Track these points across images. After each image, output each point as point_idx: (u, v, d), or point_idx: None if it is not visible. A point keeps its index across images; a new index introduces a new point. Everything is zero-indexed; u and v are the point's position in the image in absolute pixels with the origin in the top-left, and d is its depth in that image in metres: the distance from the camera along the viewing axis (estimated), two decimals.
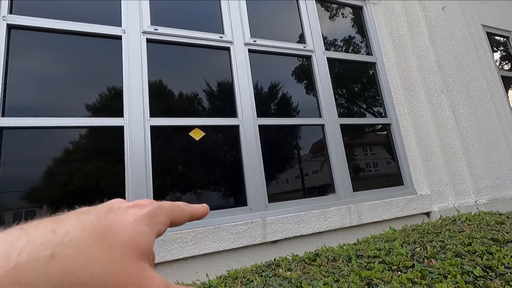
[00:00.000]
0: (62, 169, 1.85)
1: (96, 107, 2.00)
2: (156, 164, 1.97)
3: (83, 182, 1.86)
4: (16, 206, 1.70)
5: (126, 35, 2.10)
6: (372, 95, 3.08)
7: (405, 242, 1.20)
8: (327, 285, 0.83)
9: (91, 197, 1.86)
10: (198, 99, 2.34)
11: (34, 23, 1.91)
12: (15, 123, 1.73)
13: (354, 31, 3.23)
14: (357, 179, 2.66)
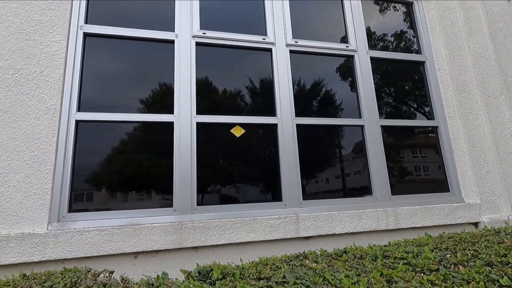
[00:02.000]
0: (121, 158, 2.13)
1: (150, 104, 2.26)
2: (200, 157, 2.17)
3: (138, 170, 2.13)
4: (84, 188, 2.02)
5: (178, 40, 2.32)
6: (418, 96, 2.94)
7: (436, 248, 1.20)
8: (348, 277, 0.90)
9: (144, 183, 2.12)
10: (240, 98, 2.48)
11: (104, 31, 2.21)
12: (88, 117, 2.04)
13: (403, 28, 3.10)
14: (397, 183, 2.59)
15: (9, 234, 1.69)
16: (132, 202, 2.08)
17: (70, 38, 2.10)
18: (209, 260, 1.92)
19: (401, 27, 3.11)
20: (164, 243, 1.89)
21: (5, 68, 1.92)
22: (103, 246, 1.80)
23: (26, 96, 1.92)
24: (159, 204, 2.09)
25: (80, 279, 1.02)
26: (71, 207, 1.90)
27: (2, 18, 1.99)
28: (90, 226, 1.83)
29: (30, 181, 1.81)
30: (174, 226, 1.93)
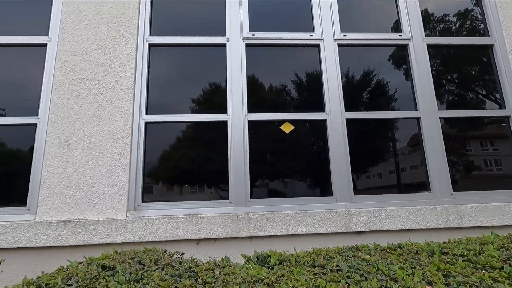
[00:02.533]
0: (182, 155, 2.38)
1: (206, 105, 2.46)
2: (252, 153, 2.30)
3: (197, 165, 2.35)
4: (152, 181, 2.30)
5: (229, 43, 2.47)
6: (485, 83, 2.67)
7: (503, 247, 1.14)
8: (403, 269, 0.93)
9: (202, 177, 2.33)
10: (288, 95, 2.55)
11: (164, 41, 2.47)
12: (154, 119, 2.31)
13: (467, 8, 2.83)
14: (461, 178, 2.42)
15: (98, 219, 2.04)
16: (193, 194, 2.31)
17: (138, 49, 2.39)
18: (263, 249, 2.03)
19: (465, 5, 2.83)
20: (222, 232, 2.07)
21: (90, 80, 2.28)
22: (171, 232, 2.04)
23: (106, 103, 2.25)
24: (216, 196, 2.28)
25: (159, 257, 1.22)
26: (143, 197, 2.20)
27: (86, 37, 2.35)
28: (159, 214, 2.10)
29: (112, 174, 2.14)
30: (230, 217, 2.10)
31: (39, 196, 2.08)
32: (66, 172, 2.12)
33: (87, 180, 2.12)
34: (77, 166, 2.14)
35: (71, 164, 2.13)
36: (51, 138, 2.17)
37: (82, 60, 2.31)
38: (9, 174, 2.24)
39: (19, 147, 2.26)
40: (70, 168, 2.13)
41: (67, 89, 2.26)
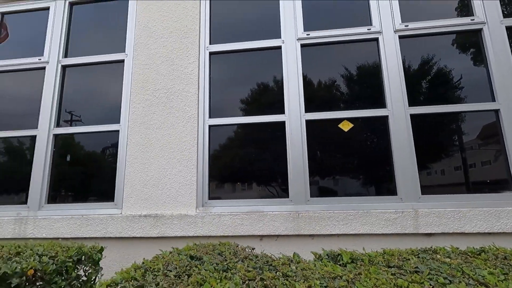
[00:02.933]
0: (243, 155, 2.50)
1: (263, 107, 2.54)
2: (310, 153, 2.32)
3: (257, 165, 2.45)
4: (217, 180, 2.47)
5: (284, 45, 2.52)
6: None
7: None
8: (493, 275, 0.88)
9: (263, 177, 2.43)
10: (346, 93, 2.50)
11: (223, 48, 2.61)
12: (217, 122, 2.48)
13: None
14: None
15: (172, 214, 2.27)
16: (254, 192, 2.42)
17: (200, 58, 2.58)
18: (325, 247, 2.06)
19: None
20: (284, 229, 2.14)
21: (160, 89, 2.53)
22: (236, 228, 2.18)
23: (175, 109, 2.48)
24: (277, 195, 2.36)
25: (236, 251, 1.33)
26: (209, 195, 2.37)
27: (155, 50, 2.62)
28: (225, 211, 2.25)
29: (182, 174, 2.35)
30: (291, 215, 2.16)
31: (123, 193, 2.39)
32: (144, 172, 2.40)
33: (161, 179, 2.37)
34: (153, 167, 2.40)
35: (147, 165, 2.41)
36: (130, 142, 2.47)
37: (153, 72, 2.58)
38: (100, 174, 2.61)
39: (106, 151, 2.62)
40: (147, 168, 2.40)
41: (142, 98, 2.54)
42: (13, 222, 2.40)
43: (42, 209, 2.48)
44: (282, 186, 2.35)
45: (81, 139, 2.67)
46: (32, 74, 2.81)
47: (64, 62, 2.78)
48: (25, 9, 2.98)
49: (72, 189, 2.61)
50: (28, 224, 2.38)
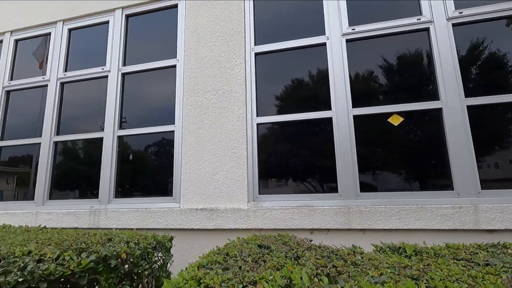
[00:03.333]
0: (290, 151, 2.57)
1: (309, 103, 2.58)
2: (359, 148, 2.33)
3: (306, 161, 2.51)
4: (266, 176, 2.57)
5: (329, 41, 2.54)
6: None
7: None
8: None
9: (311, 172, 2.48)
10: (394, 86, 2.46)
11: (268, 48, 2.70)
12: (264, 120, 2.58)
13: None
14: None
15: (226, 208, 2.42)
16: (302, 187, 2.48)
17: (246, 59, 2.69)
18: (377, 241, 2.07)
19: None
20: (334, 223, 2.19)
21: (210, 91, 2.69)
22: (287, 221, 2.27)
23: (224, 109, 2.63)
24: (325, 190, 2.41)
25: (297, 241, 1.42)
26: (259, 190, 2.49)
27: (204, 54, 2.78)
28: (275, 205, 2.35)
29: (234, 171, 2.49)
30: (342, 210, 2.19)
31: (181, 188, 2.60)
32: (198, 169, 2.59)
33: (214, 176, 2.53)
34: (206, 164, 2.58)
35: (201, 162, 2.59)
36: (185, 141, 2.67)
37: (202, 75, 2.75)
38: (159, 171, 2.86)
39: (163, 150, 2.86)
40: (201, 165, 2.58)
41: (193, 100, 2.73)
42: (88, 214, 2.74)
43: (111, 203, 2.79)
44: (330, 182, 2.39)
45: (141, 140, 2.94)
46: (97, 82, 3.14)
47: (124, 70, 3.06)
48: (88, 24, 3.33)
49: (135, 185, 2.89)
50: (101, 215, 2.70)
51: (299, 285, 0.84)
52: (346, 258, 1.10)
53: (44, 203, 2.98)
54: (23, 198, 3.18)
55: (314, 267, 0.98)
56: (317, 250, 1.24)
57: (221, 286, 0.87)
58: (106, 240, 1.51)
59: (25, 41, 3.59)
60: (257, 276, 0.90)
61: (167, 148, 2.80)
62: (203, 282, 0.90)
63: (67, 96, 3.27)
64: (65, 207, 2.88)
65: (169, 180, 2.70)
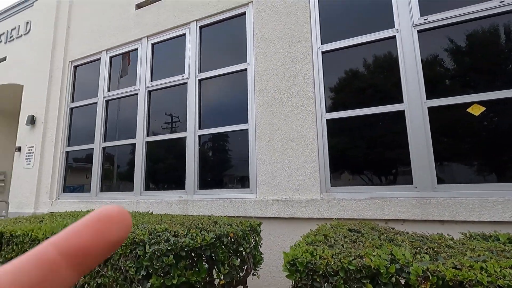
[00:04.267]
0: (360, 145, 2.66)
1: (379, 97, 2.63)
2: (435, 139, 2.31)
3: (376, 154, 2.58)
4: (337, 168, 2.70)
5: (399, 34, 2.54)
6: None
7: None
8: None
9: (382, 164, 2.54)
10: (473, 74, 2.36)
11: (334, 46, 2.80)
12: (334, 116, 2.70)
13: None
14: None
15: (300, 199, 2.63)
16: (374, 180, 2.56)
17: (313, 58, 2.84)
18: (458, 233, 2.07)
19: None
20: (410, 214, 2.24)
21: (279, 90, 2.91)
22: (361, 212, 2.38)
23: (293, 107, 2.82)
24: (399, 182, 2.45)
25: (382, 228, 1.55)
26: (331, 182, 2.63)
27: (272, 57, 3.00)
28: (348, 197, 2.48)
29: (305, 164, 2.68)
30: (418, 201, 2.23)
31: (256, 181, 2.88)
32: (271, 163, 2.83)
33: (287, 169, 2.75)
34: (278, 158, 2.81)
35: (274, 157, 2.83)
36: (258, 138, 2.94)
37: (272, 76, 2.97)
38: (237, 165, 3.19)
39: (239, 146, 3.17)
40: (274, 160, 2.83)
41: (264, 100, 2.97)
42: (178, 203, 3.20)
43: (196, 194, 3.21)
44: (403, 174, 2.42)
45: (219, 138, 3.30)
46: (178, 89, 3.59)
47: (200, 76, 3.45)
48: (167, 38, 3.80)
49: (215, 178, 3.28)
50: (188, 204, 3.13)
51: (402, 259, 1.00)
52: (438, 242, 1.21)
53: (141, 194, 3.56)
54: (125, 189, 3.81)
55: (411, 248, 1.12)
56: (406, 235, 1.36)
57: (333, 257, 1.07)
58: (213, 222, 1.83)
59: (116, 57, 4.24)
60: (362, 252, 1.07)
61: (242, 144, 3.11)
62: (316, 254, 1.11)
63: (153, 102, 3.80)
64: (158, 197, 3.40)
65: (245, 174, 3.00)
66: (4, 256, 1.78)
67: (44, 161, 4.40)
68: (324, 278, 1.04)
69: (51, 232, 1.68)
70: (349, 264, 1.01)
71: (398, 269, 0.97)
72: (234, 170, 3.19)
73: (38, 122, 4.59)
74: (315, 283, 1.06)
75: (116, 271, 1.47)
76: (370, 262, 0.98)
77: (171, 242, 1.42)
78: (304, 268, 1.07)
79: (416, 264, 0.93)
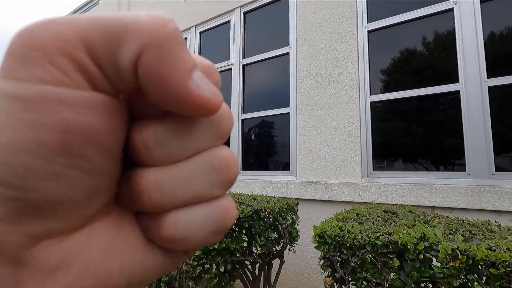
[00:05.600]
0: (406, 128, 2.52)
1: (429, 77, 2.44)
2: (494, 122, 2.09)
3: (425, 138, 2.43)
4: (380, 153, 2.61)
5: (457, 6, 2.30)
6: None
7: None
8: None
9: (430, 149, 2.39)
10: None
11: (381, 24, 2.64)
12: (380, 98, 2.60)
13: None
14: None
15: (340, 182, 2.62)
16: (420, 165, 2.43)
17: (358, 39, 2.72)
18: None
19: None
20: (460, 203, 2.09)
21: (321, 74, 2.87)
22: (404, 197, 2.30)
23: (336, 90, 2.77)
24: (448, 168, 2.29)
25: (421, 211, 1.51)
26: (373, 167, 2.57)
27: (315, 40, 2.95)
28: (391, 182, 2.40)
29: (347, 148, 2.65)
30: (470, 189, 2.07)
31: (297, 164, 2.94)
32: (312, 147, 2.85)
33: (327, 153, 2.75)
34: (319, 142, 2.81)
35: (315, 140, 2.84)
36: (299, 122, 2.96)
37: (314, 59, 2.94)
38: (278, 148, 3.28)
39: (280, 129, 3.25)
40: (314, 144, 2.84)
41: (306, 83, 2.96)
42: None
43: (240, 175, 3.39)
44: (455, 159, 2.26)
45: (261, 122, 3.41)
46: (223, 75, 3.75)
47: (244, 62, 3.55)
48: (214, 26, 3.96)
49: (257, 160, 3.41)
50: None
51: (432, 238, 1.00)
52: (480, 226, 1.16)
53: None
54: None
55: (446, 229, 1.09)
56: (446, 219, 1.31)
57: (360, 233, 1.11)
58: (252, 199, 1.96)
59: None
60: (392, 230, 1.09)
61: (283, 128, 3.17)
62: (345, 229, 1.15)
63: None
64: None
65: (286, 156, 3.08)
66: None
67: None
68: (351, 251, 1.09)
69: None
70: (376, 239, 1.04)
71: (427, 246, 0.98)
72: (276, 153, 3.28)
73: None
74: (342, 255, 1.11)
75: None
76: (398, 238, 1.00)
77: None
78: (332, 241, 1.13)
79: (445, 243, 0.93)
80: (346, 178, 2.62)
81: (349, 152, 2.63)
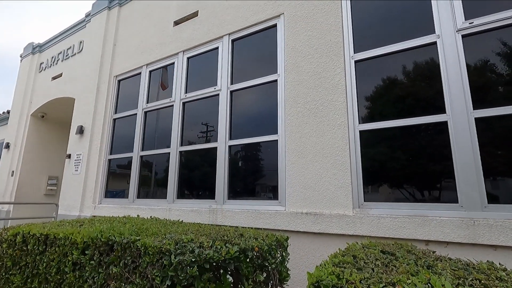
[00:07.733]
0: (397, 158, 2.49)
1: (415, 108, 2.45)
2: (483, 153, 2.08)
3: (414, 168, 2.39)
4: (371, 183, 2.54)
5: (440, 39, 2.37)
6: None
7: None
8: None
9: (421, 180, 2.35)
10: None
11: (368, 55, 2.69)
12: (367, 127, 2.57)
13: None
14: None
15: (330, 213, 2.51)
16: (412, 196, 2.37)
17: (346, 68, 2.75)
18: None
19: None
20: (455, 236, 2.02)
21: (310, 101, 2.85)
22: (397, 230, 2.21)
23: (325, 118, 2.74)
24: (441, 199, 2.24)
25: (420, 251, 1.41)
26: (365, 197, 2.49)
27: (303, 68, 2.96)
28: (384, 213, 2.32)
29: (336, 177, 2.57)
30: (464, 222, 2.01)
31: (285, 193, 2.82)
32: (301, 176, 2.76)
33: (317, 182, 2.66)
34: (309, 170, 2.73)
35: (304, 169, 2.75)
36: (288, 150, 2.89)
37: (302, 87, 2.93)
38: (266, 176, 3.16)
39: (268, 157, 3.15)
40: (303, 172, 2.75)
41: (294, 111, 2.93)
42: (208, 212, 3.24)
43: (226, 204, 3.23)
44: (446, 190, 2.21)
45: (248, 148, 3.32)
46: (211, 100, 3.69)
47: (232, 88, 3.52)
48: (202, 52, 3.95)
49: (244, 189, 3.28)
50: (218, 214, 3.16)
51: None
52: (487, 272, 1.07)
53: (174, 201, 3.67)
54: (160, 196, 3.96)
55: (454, 278, 0.99)
56: (448, 261, 1.22)
57: (360, 283, 0.99)
58: (239, 235, 1.81)
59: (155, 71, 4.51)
60: (395, 279, 0.98)
61: (271, 155, 3.08)
62: (343, 277, 1.03)
63: (187, 113, 3.95)
64: (190, 205, 3.48)
65: (274, 185, 2.96)
66: (48, 257, 1.93)
67: (90, 168, 4.77)
68: None
69: (88, 236, 1.79)
70: None
71: None
72: (264, 181, 3.17)
73: (86, 131, 5.00)
74: None
75: (144, 279, 1.51)
76: None
77: (196, 254, 1.42)
78: None
79: None
80: (337, 209, 2.52)
81: (339, 182, 2.55)
